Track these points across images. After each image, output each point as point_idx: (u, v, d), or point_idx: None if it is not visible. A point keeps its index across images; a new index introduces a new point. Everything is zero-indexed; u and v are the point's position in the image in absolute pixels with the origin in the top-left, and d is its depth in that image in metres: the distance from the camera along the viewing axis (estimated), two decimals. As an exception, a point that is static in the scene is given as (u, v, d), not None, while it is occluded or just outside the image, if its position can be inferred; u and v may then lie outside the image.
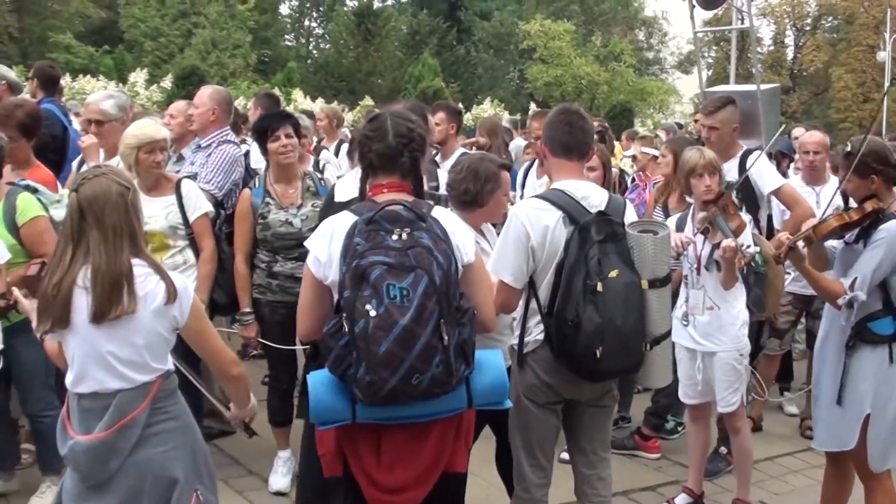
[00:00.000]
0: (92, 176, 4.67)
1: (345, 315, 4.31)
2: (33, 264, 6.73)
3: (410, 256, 4.33)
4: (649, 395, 9.27)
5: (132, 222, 4.63)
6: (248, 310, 7.71)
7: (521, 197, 9.47)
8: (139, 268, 4.60)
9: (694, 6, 11.31)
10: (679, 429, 9.39)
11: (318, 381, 4.55)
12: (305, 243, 4.79)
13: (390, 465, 4.67)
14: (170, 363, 4.82)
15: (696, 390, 7.47)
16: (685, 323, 7.36)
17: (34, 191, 7.01)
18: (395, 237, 4.39)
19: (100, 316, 4.49)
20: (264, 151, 7.66)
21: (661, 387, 6.81)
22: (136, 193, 4.74)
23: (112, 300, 4.48)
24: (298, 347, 7.65)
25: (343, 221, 4.60)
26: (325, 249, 4.61)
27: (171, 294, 4.64)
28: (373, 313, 4.21)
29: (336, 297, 4.57)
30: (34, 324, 5.01)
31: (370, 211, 4.50)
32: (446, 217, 4.81)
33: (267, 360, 8.37)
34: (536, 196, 5.93)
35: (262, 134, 7.57)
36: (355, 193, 6.04)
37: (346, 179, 6.62)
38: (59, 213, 7.06)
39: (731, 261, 6.90)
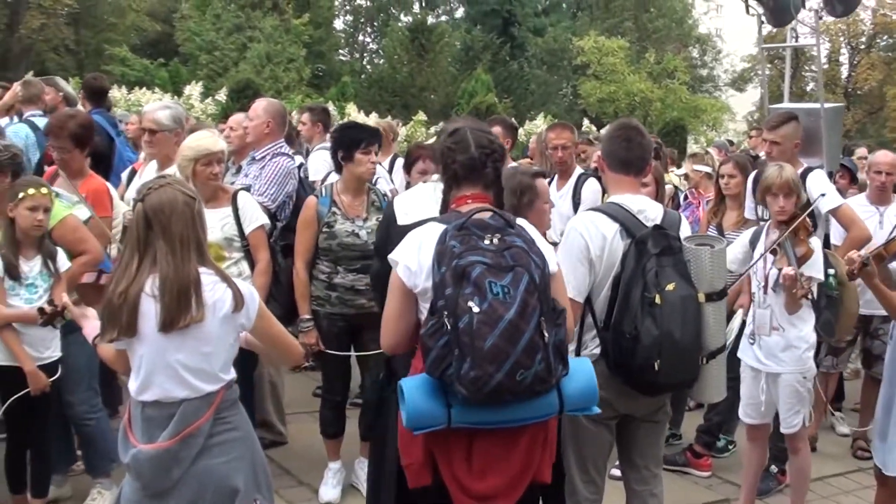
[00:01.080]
0: (157, 186, 4.72)
1: (446, 313, 4.34)
2: (88, 273, 6.84)
3: (507, 257, 4.40)
4: (701, 413, 9.24)
5: (198, 232, 4.69)
6: (307, 316, 7.74)
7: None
8: (206, 276, 4.66)
9: (762, 22, 11.24)
10: (730, 447, 9.37)
11: (413, 386, 4.56)
12: (391, 256, 4.82)
13: (482, 471, 4.68)
14: (233, 373, 4.87)
15: (757, 410, 7.43)
16: (751, 342, 7.33)
17: (56, 195, 7.08)
18: (486, 242, 4.44)
19: (169, 324, 4.54)
20: (345, 159, 7.65)
21: (715, 402, 6.79)
22: (201, 203, 4.81)
23: (181, 309, 4.54)
24: (356, 354, 7.72)
25: (431, 231, 4.69)
26: (415, 258, 4.68)
27: (239, 302, 4.71)
28: (476, 309, 4.25)
29: (426, 303, 4.61)
30: (85, 330, 5.12)
31: (459, 219, 4.57)
32: (528, 227, 4.88)
33: (322, 372, 8.36)
34: (593, 209, 5.97)
35: (354, 144, 7.57)
36: (420, 215, 6.14)
37: (406, 199, 6.60)
38: (81, 213, 7.18)
39: (790, 289, 6.87)
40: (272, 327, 5.05)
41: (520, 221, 4.83)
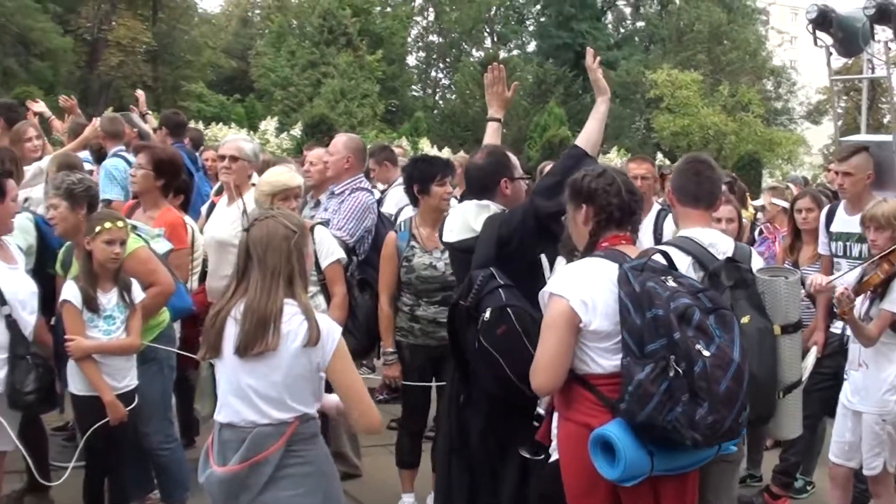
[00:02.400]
0: (263, 218, 4.91)
1: (673, 357, 4.32)
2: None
3: (703, 299, 4.46)
4: (778, 453, 9.11)
5: (292, 264, 4.80)
6: (391, 349, 7.77)
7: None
8: (289, 307, 4.74)
9: (831, 53, 11.15)
10: (808, 488, 9.21)
11: (621, 435, 4.47)
12: (555, 290, 4.79)
13: None
14: (313, 407, 4.90)
15: (842, 450, 7.30)
16: (845, 377, 7.24)
17: (133, 228, 7.17)
18: (670, 283, 4.48)
19: (243, 350, 4.69)
20: (421, 192, 7.67)
21: (791, 438, 6.69)
22: (304, 237, 4.93)
23: (257, 336, 4.66)
24: (437, 384, 7.72)
25: (599, 268, 4.72)
26: (588, 294, 4.67)
27: (314, 337, 4.73)
28: (706, 353, 4.27)
29: (598, 342, 4.64)
30: None
31: (638, 260, 4.64)
32: None
33: (402, 402, 8.35)
34: (665, 243, 5.95)
35: (429, 177, 7.62)
36: (463, 234, 6.35)
37: (450, 218, 6.79)
38: (159, 246, 7.27)
39: (842, 305, 6.76)
40: (348, 373, 4.95)
41: None
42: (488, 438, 6.08)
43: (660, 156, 43.52)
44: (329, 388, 5.08)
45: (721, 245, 5.73)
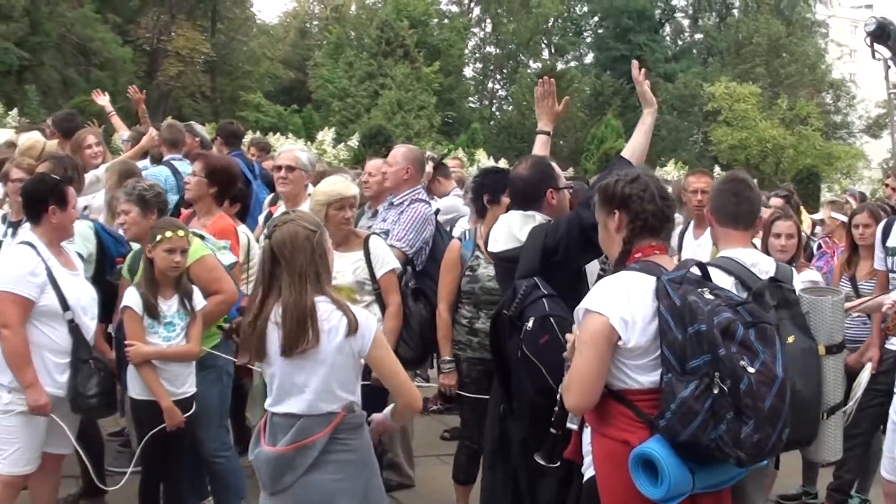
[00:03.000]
0: (282, 222, 5.06)
1: (718, 374, 4.19)
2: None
3: (743, 313, 4.35)
4: (832, 470, 9.03)
5: (317, 263, 4.99)
6: (448, 358, 7.71)
7: (680, 259, 9.40)
8: (323, 304, 4.94)
9: (889, 66, 11.07)
10: (863, 506, 9.13)
11: (664, 454, 4.37)
12: (592, 306, 4.57)
13: None
14: (357, 394, 5.11)
15: (894, 465, 7.25)
16: (895, 392, 7.19)
17: (201, 238, 7.25)
18: (708, 296, 4.38)
19: (288, 350, 4.89)
20: (491, 203, 7.59)
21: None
22: (323, 234, 5.09)
23: (299, 335, 4.86)
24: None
25: (636, 281, 4.57)
26: (627, 310, 4.50)
27: (353, 327, 4.93)
28: (751, 370, 4.17)
29: (635, 360, 4.51)
30: None
31: (676, 272, 4.55)
32: None
33: (460, 417, 8.33)
34: (707, 263, 5.83)
35: (501, 189, 7.54)
36: (509, 244, 6.34)
37: (496, 228, 6.75)
38: (225, 258, 7.33)
39: (887, 326, 6.71)
40: (389, 361, 5.20)
41: None
42: (529, 449, 6.06)
43: (717, 169, 43.22)
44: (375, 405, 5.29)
45: (763, 265, 5.70)
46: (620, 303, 4.48)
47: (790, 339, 5.15)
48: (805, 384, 5.14)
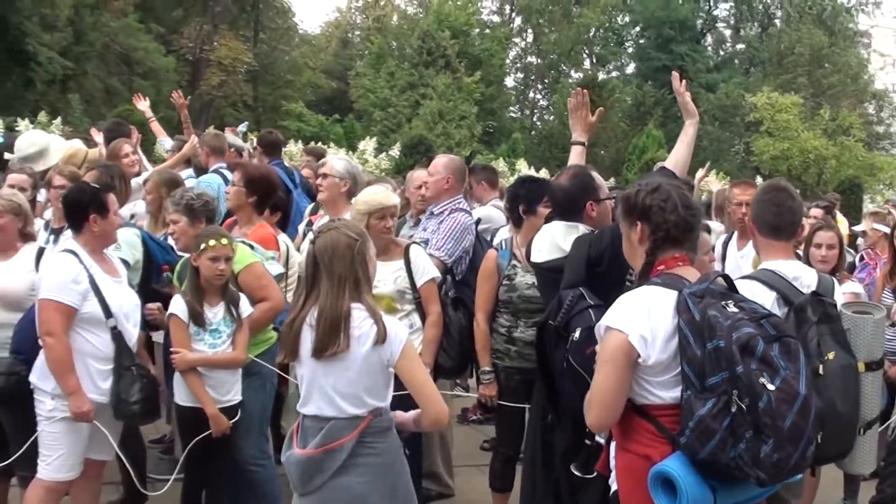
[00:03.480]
0: (326, 230, 5.26)
1: (736, 392, 4.12)
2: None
3: (767, 326, 4.27)
4: (874, 483, 8.98)
5: (356, 270, 5.16)
6: (488, 368, 7.71)
7: (724, 269, 9.37)
8: (357, 311, 5.10)
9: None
10: (907, 520, 9.07)
11: (682, 472, 4.30)
12: (612, 323, 4.54)
13: None
14: (384, 401, 5.24)
15: None
16: None
17: (250, 247, 7.34)
18: (731, 310, 4.29)
19: (318, 352, 5.08)
20: (527, 212, 7.64)
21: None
22: (365, 243, 5.23)
23: (330, 339, 5.04)
24: (530, 407, 7.70)
25: (657, 296, 4.51)
26: (647, 326, 4.44)
27: (381, 336, 5.07)
28: (771, 387, 4.07)
29: (654, 376, 4.46)
30: None
31: (697, 285, 4.46)
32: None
33: (496, 425, 8.33)
34: (747, 277, 5.84)
35: (537, 198, 7.58)
36: (553, 255, 6.42)
37: (539, 238, 6.79)
38: (273, 268, 7.41)
39: None
40: (416, 371, 5.28)
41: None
42: (571, 460, 6.06)
43: (759, 180, 42.89)
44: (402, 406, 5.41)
45: (805, 278, 5.70)
46: (640, 319, 4.44)
47: (830, 356, 5.16)
48: (844, 401, 5.13)
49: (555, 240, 6.51)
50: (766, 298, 5.46)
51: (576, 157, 7.26)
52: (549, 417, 6.32)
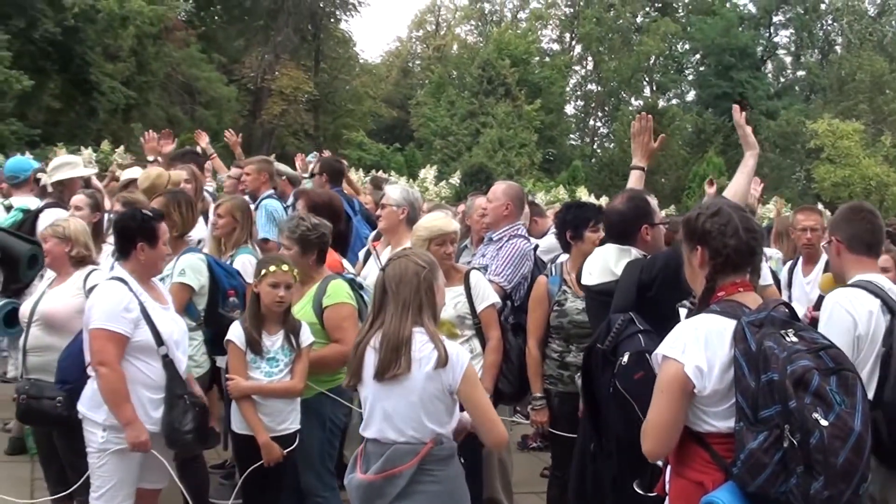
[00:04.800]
0: (397, 257, 5.40)
1: (788, 427, 4.03)
2: None
3: (825, 358, 4.16)
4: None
5: (421, 297, 5.25)
6: (539, 395, 7.71)
7: (789, 295, 9.33)
8: (419, 335, 5.19)
9: None
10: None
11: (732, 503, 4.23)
12: (668, 353, 4.46)
13: None
14: (447, 427, 5.29)
15: None
16: None
17: (360, 286, 7.44)
18: (790, 339, 4.20)
19: (380, 374, 5.18)
20: (574, 238, 7.66)
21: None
22: (433, 272, 5.34)
23: (391, 361, 5.14)
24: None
25: (713, 324, 4.43)
26: (703, 356, 4.36)
27: (442, 360, 5.13)
28: (824, 423, 3.96)
29: (711, 407, 4.38)
30: None
31: (757, 314, 4.37)
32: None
33: (551, 451, 8.32)
34: (851, 285, 5.82)
35: (583, 223, 7.63)
36: (604, 278, 6.44)
37: (590, 260, 6.82)
38: None
39: None
40: (477, 395, 5.34)
41: None
42: (622, 487, 5.97)
43: (820, 206, 42.70)
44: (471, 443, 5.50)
45: (894, 290, 5.73)
46: (697, 349, 4.38)
47: None
48: None
49: (606, 263, 6.52)
50: (873, 305, 5.53)
51: (634, 181, 7.21)
52: (593, 446, 6.28)
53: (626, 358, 5.68)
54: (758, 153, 6.37)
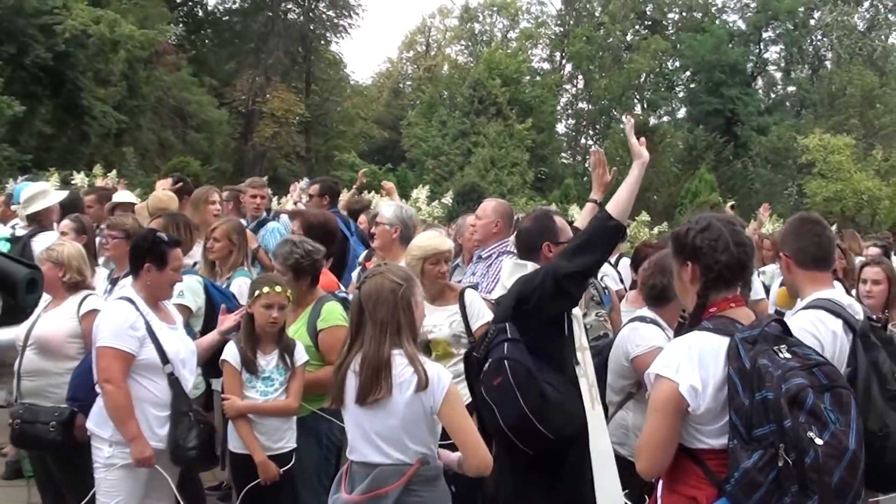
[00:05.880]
0: (371, 275, 5.32)
1: (783, 446, 3.97)
2: None
3: (819, 375, 4.13)
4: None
5: (399, 316, 5.20)
6: None
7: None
8: (399, 357, 5.15)
9: None
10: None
11: None
12: (662, 372, 4.39)
13: None
14: (431, 448, 5.28)
15: None
16: None
17: (349, 304, 7.36)
18: (784, 356, 4.16)
19: (361, 398, 5.15)
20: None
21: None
22: (410, 288, 5.28)
23: (372, 385, 5.11)
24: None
25: (708, 343, 4.37)
26: (697, 375, 4.30)
27: (423, 383, 5.10)
28: (819, 441, 3.92)
29: (705, 425, 4.34)
30: None
31: (749, 330, 4.31)
32: None
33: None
34: (811, 306, 5.74)
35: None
36: (500, 292, 6.50)
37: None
38: None
39: None
40: (458, 418, 5.26)
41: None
42: (498, 495, 6.26)
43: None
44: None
45: (854, 305, 5.74)
46: (691, 368, 4.32)
47: None
48: None
49: (501, 278, 6.73)
50: (836, 326, 5.50)
51: (586, 213, 7.43)
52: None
53: (487, 365, 5.85)
54: (645, 163, 6.38)
